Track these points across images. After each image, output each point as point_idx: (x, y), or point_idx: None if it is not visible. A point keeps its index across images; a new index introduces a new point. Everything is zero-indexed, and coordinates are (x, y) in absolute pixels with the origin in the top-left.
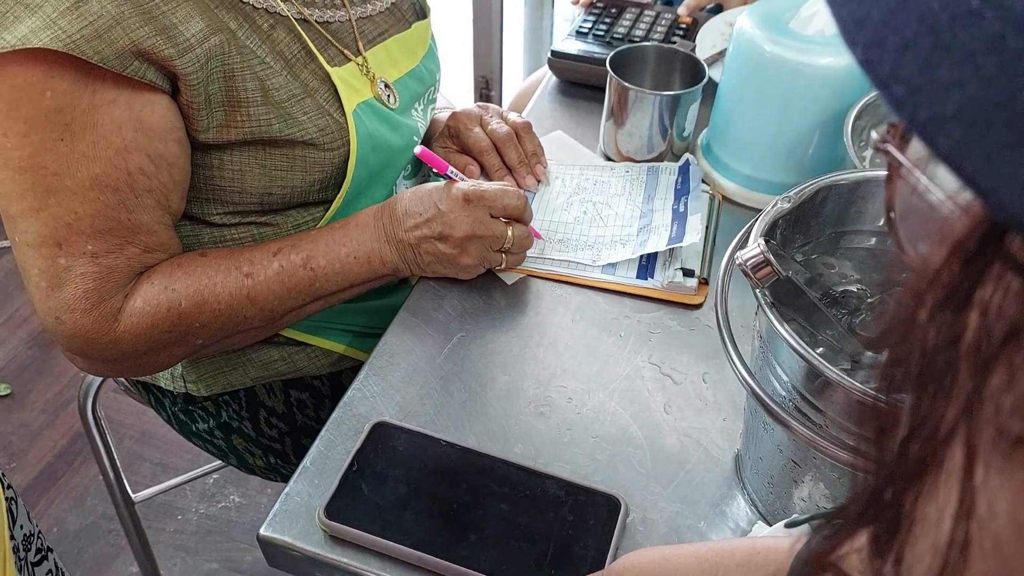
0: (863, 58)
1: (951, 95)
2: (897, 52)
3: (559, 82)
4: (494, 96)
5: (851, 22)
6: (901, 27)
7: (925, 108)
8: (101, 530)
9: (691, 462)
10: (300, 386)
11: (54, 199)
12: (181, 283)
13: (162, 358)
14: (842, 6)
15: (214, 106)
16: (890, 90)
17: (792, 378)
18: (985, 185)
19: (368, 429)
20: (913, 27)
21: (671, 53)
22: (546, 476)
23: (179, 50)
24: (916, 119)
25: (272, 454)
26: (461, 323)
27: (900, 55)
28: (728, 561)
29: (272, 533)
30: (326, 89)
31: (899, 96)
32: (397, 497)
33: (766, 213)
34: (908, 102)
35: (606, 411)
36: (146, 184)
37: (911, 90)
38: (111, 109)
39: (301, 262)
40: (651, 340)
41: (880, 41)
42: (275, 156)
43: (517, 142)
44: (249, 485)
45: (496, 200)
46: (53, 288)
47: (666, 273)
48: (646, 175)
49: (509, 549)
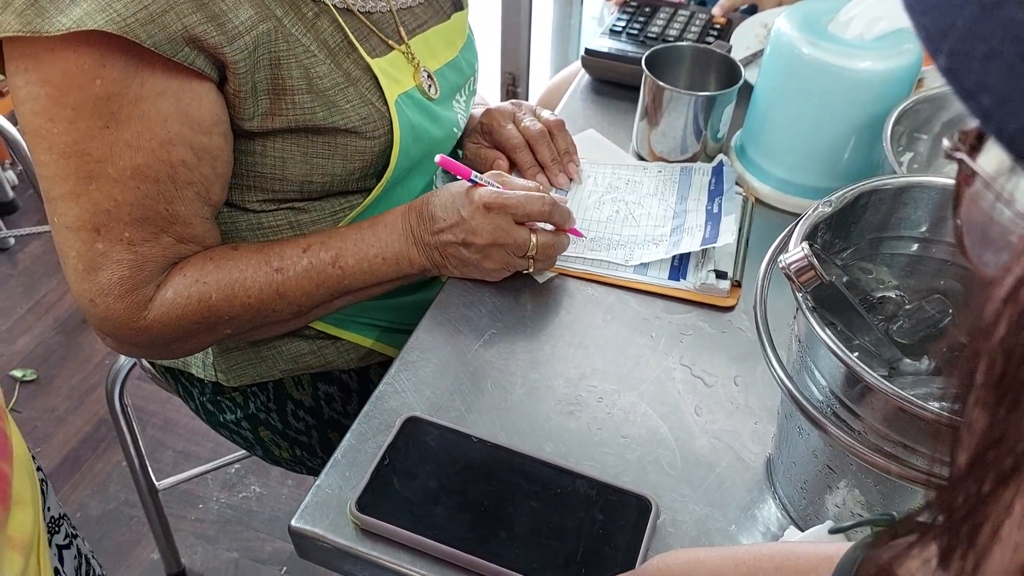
0: (947, 67)
1: None
2: (983, 61)
3: (591, 80)
4: (521, 93)
5: (934, 31)
6: (987, 36)
7: (1013, 119)
8: (123, 516)
9: (722, 465)
10: (328, 380)
11: (95, 185)
12: (212, 276)
13: (190, 345)
14: (923, 15)
15: (259, 94)
16: (977, 100)
17: (831, 383)
18: None
19: (400, 423)
20: (999, 36)
21: (707, 54)
22: (577, 475)
23: (228, 37)
24: (1004, 130)
25: (298, 447)
26: (492, 320)
27: (986, 64)
28: (766, 564)
29: (303, 525)
30: (368, 79)
31: (986, 106)
32: (428, 492)
33: (807, 217)
34: (996, 113)
35: (636, 412)
36: (187, 176)
37: (999, 100)
38: (158, 101)
39: (330, 260)
40: (683, 341)
41: (966, 51)
42: (317, 144)
43: (550, 140)
44: (270, 475)
45: (519, 208)
46: (89, 271)
47: (699, 275)
48: (679, 175)
49: (539, 547)
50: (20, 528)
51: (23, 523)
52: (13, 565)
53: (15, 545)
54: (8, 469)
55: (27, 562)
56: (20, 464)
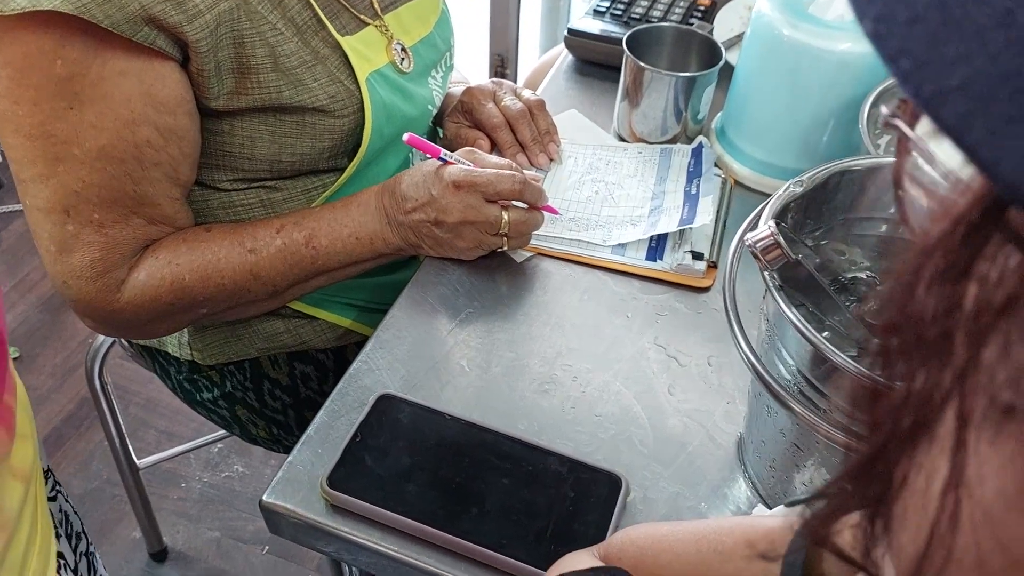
0: (872, 31)
1: (957, 69)
2: (906, 26)
3: (575, 61)
4: (509, 75)
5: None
6: (911, 2)
7: (931, 81)
8: (105, 495)
9: (693, 444)
10: (305, 359)
11: (63, 167)
12: (185, 258)
13: (167, 325)
14: None
15: (224, 73)
16: (897, 63)
17: (798, 362)
18: (986, 157)
19: (373, 401)
20: (923, 1)
21: (688, 35)
22: (549, 452)
23: (188, 16)
24: (921, 92)
25: (275, 425)
26: (469, 299)
27: (909, 29)
28: (726, 538)
29: (274, 500)
30: (337, 57)
31: (906, 69)
32: (400, 469)
33: (778, 196)
34: (914, 75)
35: (610, 391)
36: (154, 157)
37: (918, 64)
38: (120, 81)
39: (304, 240)
40: (658, 322)
41: (890, 15)
42: (285, 123)
43: (531, 120)
44: (253, 455)
45: (489, 186)
46: (61, 253)
47: (675, 255)
48: (659, 157)
49: (510, 523)
50: (22, 459)
51: (24, 455)
52: (15, 493)
53: (16, 474)
54: (12, 402)
55: (27, 491)
56: (20, 402)
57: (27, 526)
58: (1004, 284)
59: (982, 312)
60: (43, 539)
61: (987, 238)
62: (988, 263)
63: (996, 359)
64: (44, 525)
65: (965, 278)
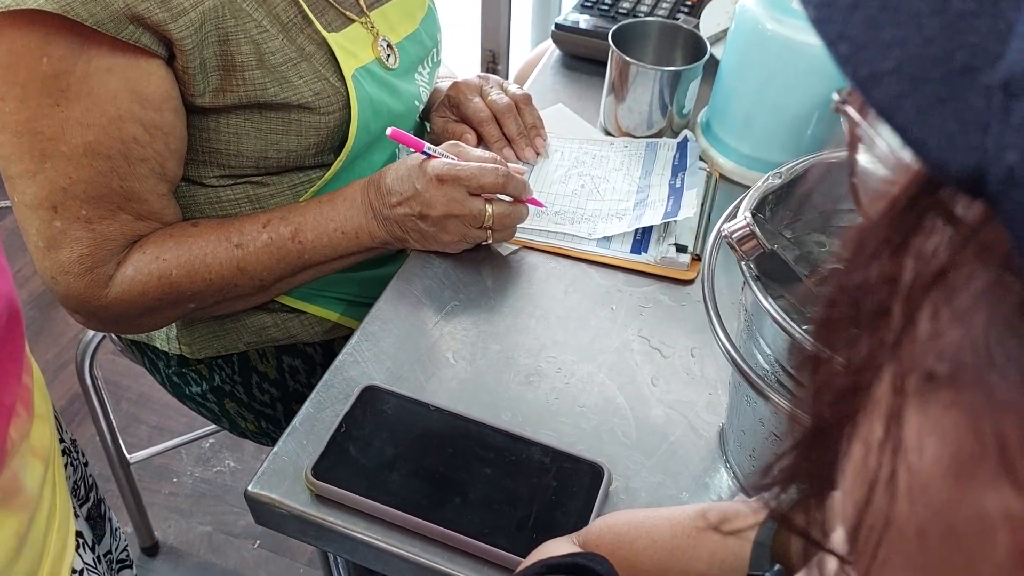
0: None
1: (892, 52)
2: (846, 11)
3: (562, 55)
4: (501, 70)
5: None
6: None
7: (866, 64)
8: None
9: (675, 434)
10: (293, 353)
11: (50, 163)
12: (172, 253)
13: (155, 320)
14: None
15: (209, 71)
16: (836, 47)
17: (775, 352)
18: (915, 136)
19: (358, 392)
20: None
21: (674, 29)
22: (532, 443)
23: (172, 14)
24: (857, 74)
25: (264, 419)
26: (455, 292)
27: (849, 14)
28: (701, 523)
29: (259, 490)
30: (323, 54)
31: (844, 53)
32: (384, 459)
33: (756, 188)
34: (852, 58)
35: (594, 382)
36: (140, 153)
37: (855, 47)
38: (106, 78)
39: (290, 235)
40: (642, 314)
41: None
42: (271, 120)
43: (517, 114)
44: (244, 450)
45: (472, 179)
46: (49, 249)
47: (660, 248)
48: (645, 150)
49: (492, 512)
50: (40, 438)
51: (42, 434)
52: (35, 471)
53: (36, 453)
54: (30, 382)
55: (46, 470)
56: (37, 382)
57: (47, 505)
58: (935, 258)
59: (915, 285)
60: (62, 518)
61: (922, 215)
62: (924, 239)
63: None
64: (63, 504)
65: (902, 253)
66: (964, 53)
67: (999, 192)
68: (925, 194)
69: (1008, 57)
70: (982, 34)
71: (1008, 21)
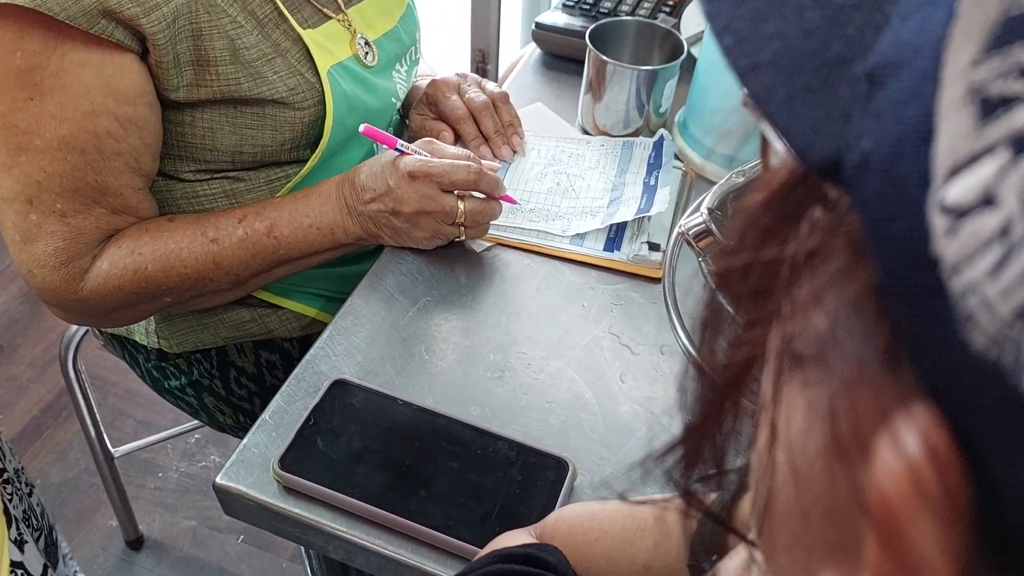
0: (706, 11)
1: (771, 44)
2: (734, 6)
3: (543, 54)
4: (490, 70)
5: None
6: None
7: (746, 56)
8: (83, 484)
9: (642, 430)
10: (271, 348)
11: (25, 157)
12: (147, 247)
13: (132, 314)
14: None
15: (183, 65)
16: (722, 39)
17: None
18: (783, 124)
19: (327, 386)
20: None
21: (651, 28)
22: (498, 437)
23: (145, 9)
24: (737, 66)
25: (241, 413)
26: (427, 288)
27: (736, 8)
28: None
29: (227, 482)
30: (298, 50)
31: (727, 45)
32: (351, 452)
33: (719, 186)
34: (734, 50)
35: (563, 378)
36: (114, 147)
37: (738, 39)
38: (80, 73)
39: (265, 230)
40: (613, 311)
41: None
42: (245, 115)
43: (494, 112)
44: (229, 446)
45: (444, 176)
46: (25, 242)
47: (632, 246)
48: (621, 149)
49: (457, 505)
50: None
51: None
52: None
53: None
54: None
55: None
56: None
57: None
58: (810, 239)
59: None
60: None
61: (801, 199)
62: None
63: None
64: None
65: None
66: (840, 45)
67: (853, 178)
68: (800, 182)
69: (877, 48)
70: (859, 26)
71: (886, 14)
